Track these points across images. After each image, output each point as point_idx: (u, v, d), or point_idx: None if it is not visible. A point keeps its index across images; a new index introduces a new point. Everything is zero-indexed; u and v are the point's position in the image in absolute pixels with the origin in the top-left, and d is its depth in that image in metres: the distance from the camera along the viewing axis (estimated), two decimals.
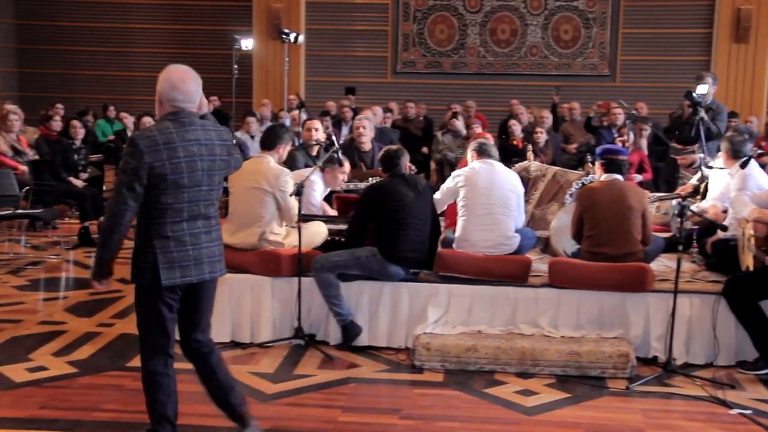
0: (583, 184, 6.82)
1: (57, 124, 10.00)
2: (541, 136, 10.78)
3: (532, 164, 7.54)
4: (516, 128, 11.29)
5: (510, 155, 10.58)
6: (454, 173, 6.05)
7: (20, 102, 14.01)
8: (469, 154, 6.15)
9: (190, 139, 3.70)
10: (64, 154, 9.41)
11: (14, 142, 9.78)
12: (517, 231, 5.92)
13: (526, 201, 7.13)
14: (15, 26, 17.14)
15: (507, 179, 5.93)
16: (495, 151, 6.10)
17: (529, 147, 9.96)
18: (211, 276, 3.88)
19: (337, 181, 6.64)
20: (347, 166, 6.73)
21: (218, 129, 3.89)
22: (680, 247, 5.19)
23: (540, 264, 6.06)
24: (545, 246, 6.68)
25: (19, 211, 8.56)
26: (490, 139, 7.21)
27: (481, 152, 6.02)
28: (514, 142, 11.13)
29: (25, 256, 8.27)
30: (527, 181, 7.26)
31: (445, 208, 6.26)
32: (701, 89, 7.87)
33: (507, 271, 5.64)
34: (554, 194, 7.08)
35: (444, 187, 6.06)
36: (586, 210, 5.69)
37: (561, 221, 6.37)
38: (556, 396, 4.85)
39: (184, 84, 3.76)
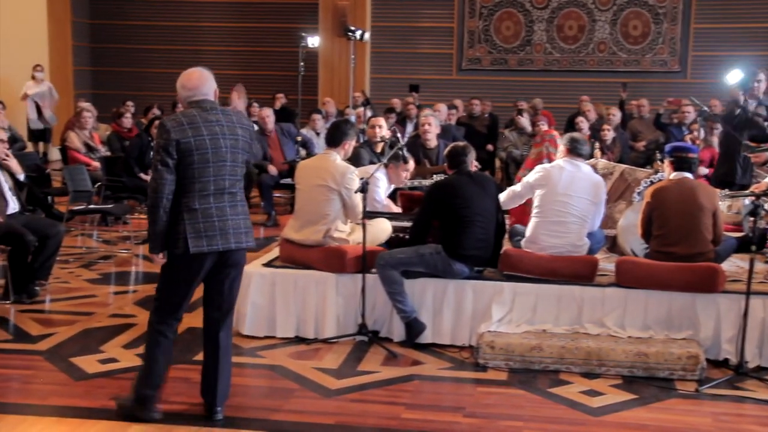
0: (651, 182, 6.69)
1: (128, 121, 10.23)
2: (608, 134, 10.62)
3: (599, 162, 7.43)
4: (583, 125, 11.14)
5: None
6: (538, 167, 5.93)
7: (94, 100, 14.41)
8: (561, 147, 6.02)
9: (211, 120, 4.12)
10: (141, 151, 9.58)
11: (87, 139, 10.05)
12: (589, 234, 5.83)
13: None
14: (90, 25, 17.58)
15: (590, 186, 5.74)
16: (587, 149, 5.92)
17: (596, 144, 9.81)
18: (237, 245, 4.18)
19: (401, 178, 6.65)
20: (411, 163, 6.73)
21: (239, 116, 4.31)
22: (753, 248, 5.05)
23: (607, 263, 5.97)
24: (612, 245, 6.58)
25: (92, 206, 8.78)
26: (556, 136, 7.14)
27: (572, 149, 5.82)
28: None
29: (97, 250, 8.47)
30: None
31: (514, 205, 6.16)
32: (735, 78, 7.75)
33: (573, 271, 5.57)
34: (622, 192, 6.97)
35: (525, 180, 5.92)
36: (655, 209, 5.59)
37: (628, 220, 6.27)
38: (623, 397, 4.77)
39: (190, 81, 4.18)
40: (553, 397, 4.76)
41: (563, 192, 5.68)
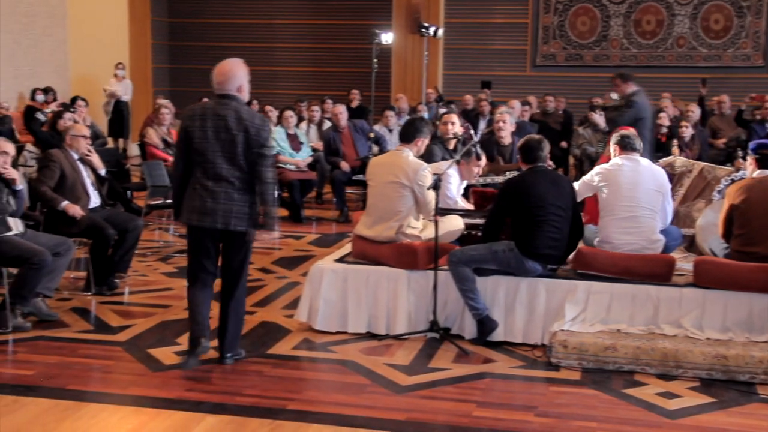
0: (732, 180, 6.51)
1: None
2: (687, 131, 10.37)
3: (678, 159, 7.27)
4: (663, 121, 10.89)
5: (653, 150, 10.24)
6: (595, 169, 5.88)
7: (171, 96, 14.70)
8: (612, 147, 5.95)
9: (220, 115, 4.70)
10: None
11: (165, 135, 10.25)
12: (663, 230, 5.71)
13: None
14: (168, 24, 17.96)
15: (652, 176, 5.71)
16: (639, 143, 5.87)
17: (674, 142, 9.61)
18: (224, 227, 4.75)
19: (473, 174, 6.61)
20: (483, 159, 6.69)
21: (249, 115, 4.77)
22: None
23: (684, 263, 5.84)
24: (690, 244, 6.44)
25: (169, 201, 8.95)
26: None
27: (624, 146, 5.80)
28: (658, 137, 10.76)
29: (174, 244, 8.64)
30: (672, 177, 7.01)
31: (585, 204, 6.09)
32: None
33: (649, 270, 5.46)
34: (701, 191, 6.81)
35: (583, 179, 5.89)
36: (737, 207, 5.44)
37: (708, 219, 6.12)
38: (701, 400, 4.65)
39: (218, 76, 4.79)
40: (627, 398, 4.67)
41: (628, 187, 5.59)
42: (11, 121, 12.11)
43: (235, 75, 4.80)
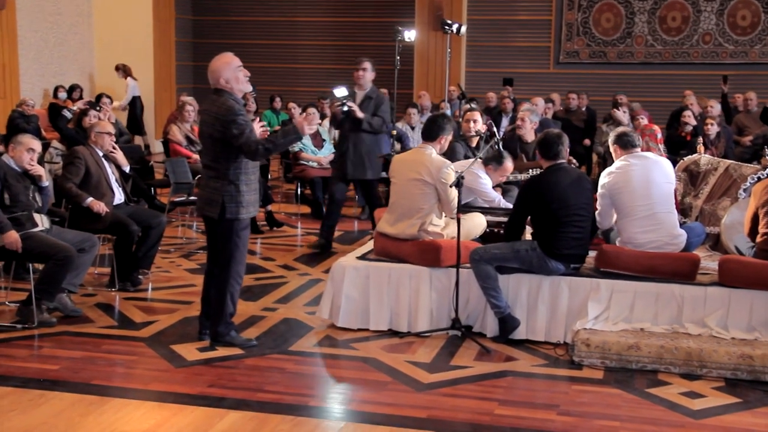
0: (759, 178, 6.44)
1: None
2: (712, 128, 10.26)
3: (703, 157, 7.20)
4: (690, 120, 10.79)
5: (678, 147, 10.16)
6: (603, 173, 5.71)
7: (195, 94, 14.75)
8: (611, 148, 5.85)
9: (203, 110, 5.25)
10: None
11: (188, 132, 10.28)
12: (686, 226, 5.66)
13: (696, 195, 6.84)
14: (192, 21, 18.05)
15: (661, 170, 5.63)
16: (638, 139, 5.78)
17: (699, 139, 9.50)
18: (199, 212, 5.34)
19: (497, 179, 6.61)
20: (508, 163, 6.64)
21: (215, 105, 5.08)
22: None
23: (709, 261, 5.79)
24: (715, 243, 6.38)
25: (192, 197, 8.99)
26: (657, 131, 6.95)
27: (624, 145, 5.69)
28: (683, 134, 10.67)
29: (196, 241, 8.69)
30: (697, 175, 6.96)
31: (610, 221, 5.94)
32: None
33: (673, 269, 5.42)
34: (726, 189, 6.74)
35: (599, 194, 5.66)
36: (763, 206, 5.38)
37: (733, 217, 6.06)
38: (726, 400, 4.61)
39: (210, 73, 5.12)
40: (651, 397, 4.64)
41: (642, 186, 5.53)
42: (37, 119, 12.22)
43: (219, 69, 5.15)
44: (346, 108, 7.85)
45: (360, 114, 7.86)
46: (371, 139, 8.10)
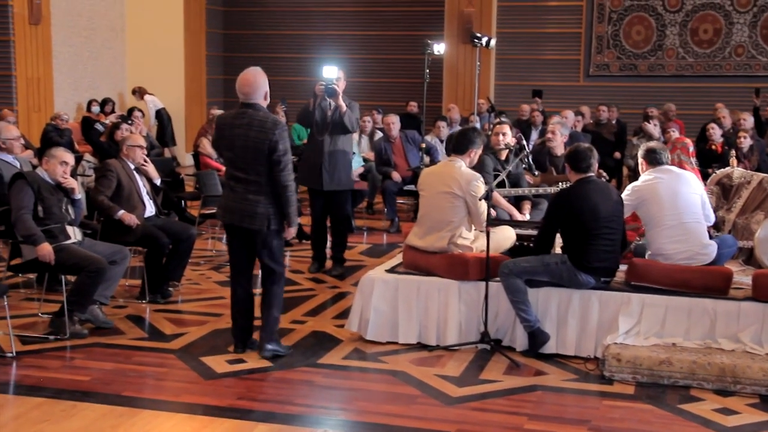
0: None
1: None
2: (745, 141, 10.17)
3: (736, 170, 7.12)
4: (714, 132, 10.70)
5: (709, 161, 10.06)
6: (628, 187, 5.77)
7: (225, 107, 14.90)
8: (640, 161, 5.86)
9: (237, 124, 5.13)
10: None
11: None
12: (717, 238, 5.60)
13: (728, 209, 6.76)
14: (223, 35, 18.21)
15: (687, 183, 5.65)
16: (666, 156, 5.80)
17: (732, 152, 9.41)
18: (239, 224, 5.19)
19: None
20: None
21: (261, 120, 5.10)
22: None
23: (742, 276, 5.72)
24: (748, 257, 6.30)
25: None
26: (689, 144, 6.89)
27: (651, 161, 5.74)
28: (713, 147, 10.57)
29: (226, 253, 8.71)
30: (730, 188, 6.89)
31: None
32: None
33: (705, 283, 5.36)
34: (760, 202, 6.66)
35: (624, 200, 5.69)
36: None
37: (767, 231, 5.98)
38: (761, 417, 4.54)
39: (242, 87, 5.18)
40: (683, 413, 4.58)
41: (669, 196, 5.53)
42: (71, 132, 12.38)
43: (255, 85, 5.17)
44: (331, 86, 7.37)
45: (341, 102, 7.39)
46: (348, 147, 7.69)
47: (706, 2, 15.01)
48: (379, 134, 11.52)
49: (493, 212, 6.34)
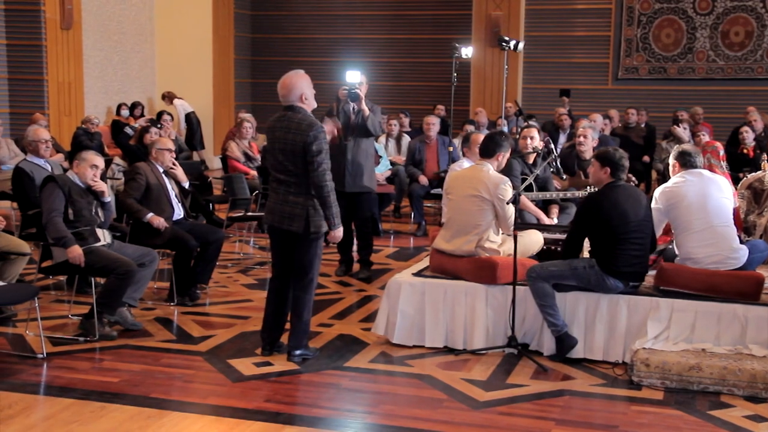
0: None
1: None
2: None
3: (767, 174, 7.04)
4: (747, 136, 10.58)
5: (741, 165, 9.95)
6: (658, 189, 5.72)
7: (253, 110, 14.95)
8: (671, 162, 5.80)
9: (278, 127, 5.23)
10: None
11: (246, 149, 10.43)
12: (748, 243, 5.54)
13: (760, 213, 6.69)
14: (251, 39, 18.30)
15: (718, 187, 5.59)
16: (700, 160, 5.75)
17: (764, 156, 9.30)
18: (279, 227, 5.23)
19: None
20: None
21: (298, 122, 5.15)
22: None
23: None
24: None
25: (249, 213, 9.09)
26: (719, 148, 6.83)
27: (684, 164, 5.67)
28: (744, 151, 10.45)
29: (253, 256, 8.77)
30: (761, 192, 6.81)
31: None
32: None
33: (736, 288, 5.29)
34: None
35: (654, 207, 5.63)
36: None
37: None
38: None
39: (281, 89, 5.26)
40: (713, 420, 4.53)
41: (698, 200, 5.47)
42: (101, 136, 12.51)
43: (293, 87, 5.24)
44: (354, 91, 7.47)
45: (365, 106, 7.48)
46: (370, 150, 7.75)
47: (738, 4, 14.85)
48: (405, 138, 11.52)
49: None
